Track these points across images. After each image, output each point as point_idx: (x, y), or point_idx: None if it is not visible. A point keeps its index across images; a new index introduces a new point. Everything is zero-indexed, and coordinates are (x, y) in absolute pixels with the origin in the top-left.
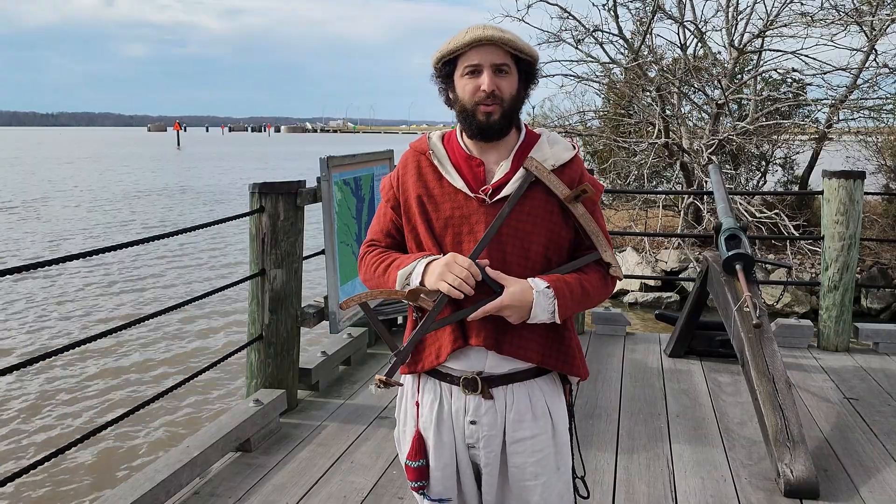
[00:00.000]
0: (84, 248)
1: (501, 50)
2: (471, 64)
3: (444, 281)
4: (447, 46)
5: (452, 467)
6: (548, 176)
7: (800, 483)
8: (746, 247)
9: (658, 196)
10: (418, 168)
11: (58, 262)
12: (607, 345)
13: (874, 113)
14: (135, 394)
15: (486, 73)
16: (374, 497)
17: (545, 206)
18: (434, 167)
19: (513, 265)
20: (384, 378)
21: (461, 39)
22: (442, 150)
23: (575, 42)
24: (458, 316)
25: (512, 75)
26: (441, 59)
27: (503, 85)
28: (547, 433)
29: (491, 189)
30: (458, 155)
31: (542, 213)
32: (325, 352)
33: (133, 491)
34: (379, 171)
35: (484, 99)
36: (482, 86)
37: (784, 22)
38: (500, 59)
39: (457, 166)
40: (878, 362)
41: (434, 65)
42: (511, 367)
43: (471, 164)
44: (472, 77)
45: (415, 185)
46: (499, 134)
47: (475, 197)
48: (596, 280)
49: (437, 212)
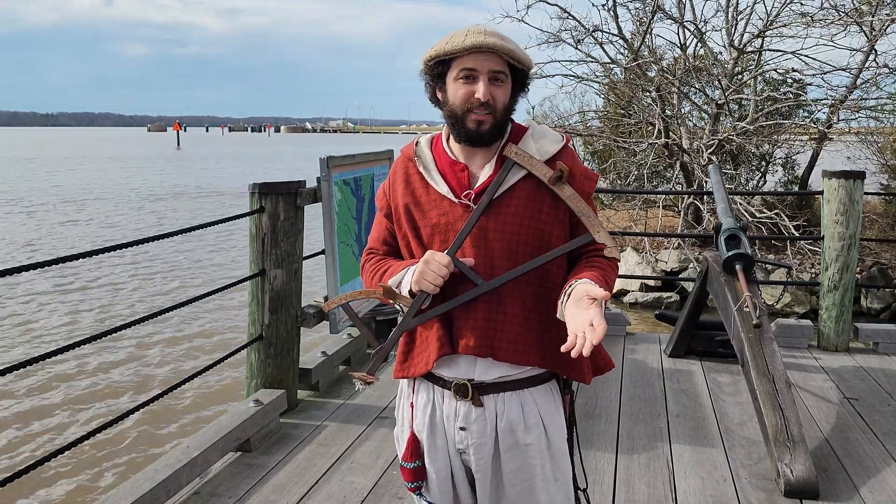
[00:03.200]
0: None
1: (500, 58)
2: (467, 68)
3: (423, 279)
4: (444, 47)
5: (447, 471)
6: (529, 160)
7: (800, 483)
8: (746, 247)
9: (658, 196)
10: (406, 176)
11: (57, 261)
12: (607, 345)
13: (874, 113)
14: (134, 394)
15: (482, 81)
16: (374, 497)
17: (532, 204)
18: (421, 174)
19: (500, 268)
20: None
21: (461, 42)
22: (429, 155)
23: (575, 42)
24: (442, 308)
25: (507, 85)
26: (435, 57)
27: (498, 94)
28: (540, 444)
29: (474, 194)
30: (443, 160)
31: (530, 212)
32: (325, 352)
33: (133, 491)
34: (379, 172)
35: (476, 107)
36: (477, 93)
37: (784, 22)
38: (497, 67)
39: (442, 172)
40: (878, 362)
41: (426, 61)
42: (501, 374)
43: (454, 170)
44: (466, 82)
45: (403, 193)
46: (487, 141)
47: (459, 203)
48: (608, 270)
49: (424, 219)
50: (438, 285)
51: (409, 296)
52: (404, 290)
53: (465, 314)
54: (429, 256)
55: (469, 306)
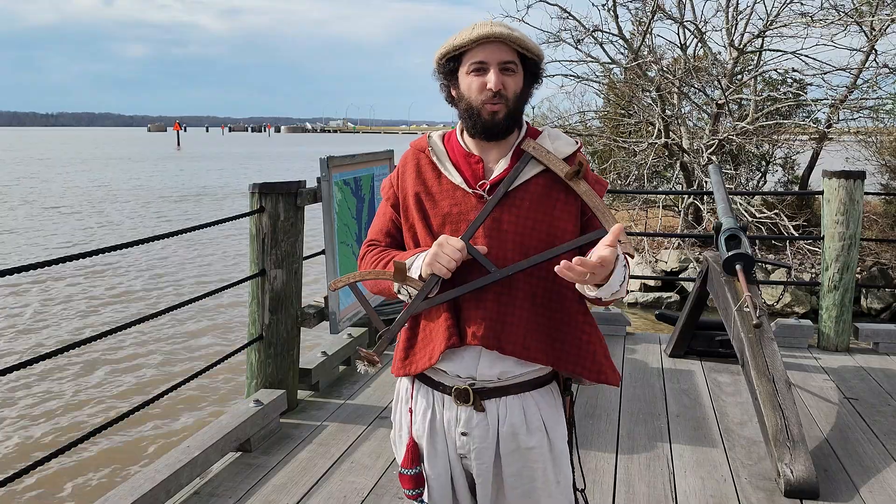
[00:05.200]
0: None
1: (508, 48)
2: (477, 61)
3: (436, 262)
4: (453, 42)
5: (447, 477)
6: (546, 156)
7: (800, 483)
8: (746, 247)
9: (658, 196)
10: (417, 166)
11: (57, 262)
12: (608, 344)
13: (874, 113)
14: (134, 394)
15: (492, 71)
16: (374, 497)
17: (546, 200)
18: (433, 165)
19: (512, 260)
20: (367, 353)
21: (468, 35)
22: (441, 147)
23: (575, 42)
24: (453, 293)
25: (518, 74)
26: (446, 54)
27: (509, 83)
28: (543, 447)
29: (489, 185)
30: (458, 153)
31: (544, 207)
32: (325, 352)
33: (133, 491)
34: (379, 172)
35: (490, 98)
36: (489, 84)
37: (784, 22)
38: (507, 57)
39: (455, 164)
40: (878, 362)
41: (437, 60)
42: (504, 370)
43: (469, 161)
44: (477, 75)
45: (413, 182)
46: (503, 133)
47: (473, 193)
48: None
49: (435, 208)
50: (451, 269)
51: (419, 280)
52: (414, 273)
53: (474, 304)
54: (443, 240)
55: (479, 296)
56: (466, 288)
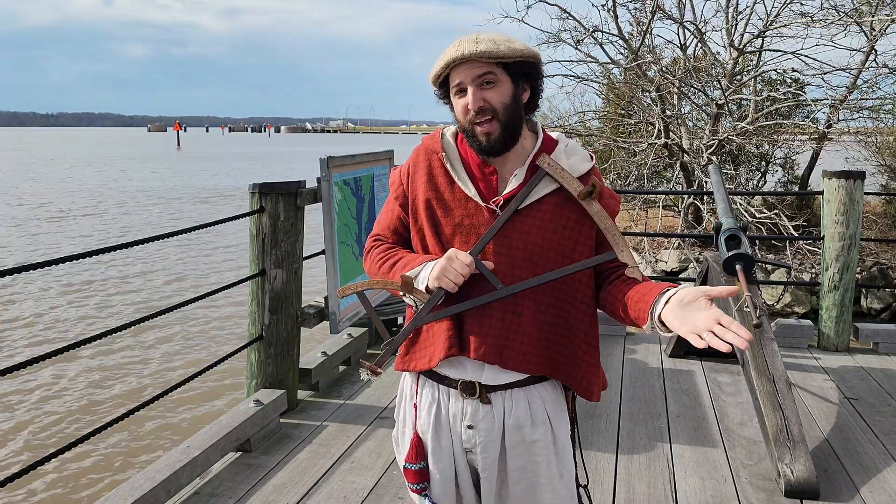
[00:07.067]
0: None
1: (480, 62)
2: (455, 84)
3: (444, 276)
4: (433, 69)
5: (451, 471)
6: (561, 173)
7: (800, 483)
8: (746, 247)
9: (658, 196)
10: (429, 169)
11: (57, 262)
12: (607, 345)
13: (874, 113)
14: (134, 394)
15: (469, 91)
16: (375, 497)
17: (557, 219)
18: (446, 170)
19: (520, 277)
20: (370, 365)
21: (441, 61)
22: (455, 151)
23: (574, 42)
24: (458, 308)
25: (500, 83)
26: (434, 81)
27: (491, 96)
28: (547, 440)
29: (502, 200)
30: (472, 160)
31: (555, 226)
32: (326, 352)
33: (133, 491)
34: (379, 172)
35: (475, 118)
36: (468, 104)
37: (784, 22)
38: (480, 71)
39: (469, 172)
40: (878, 362)
41: (432, 84)
42: (509, 380)
43: (484, 172)
44: (461, 97)
45: (425, 187)
46: (502, 150)
47: (486, 207)
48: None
49: (447, 217)
50: (458, 284)
51: (426, 291)
52: (421, 284)
53: (479, 319)
54: (452, 254)
55: (484, 312)
56: (473, 303)
